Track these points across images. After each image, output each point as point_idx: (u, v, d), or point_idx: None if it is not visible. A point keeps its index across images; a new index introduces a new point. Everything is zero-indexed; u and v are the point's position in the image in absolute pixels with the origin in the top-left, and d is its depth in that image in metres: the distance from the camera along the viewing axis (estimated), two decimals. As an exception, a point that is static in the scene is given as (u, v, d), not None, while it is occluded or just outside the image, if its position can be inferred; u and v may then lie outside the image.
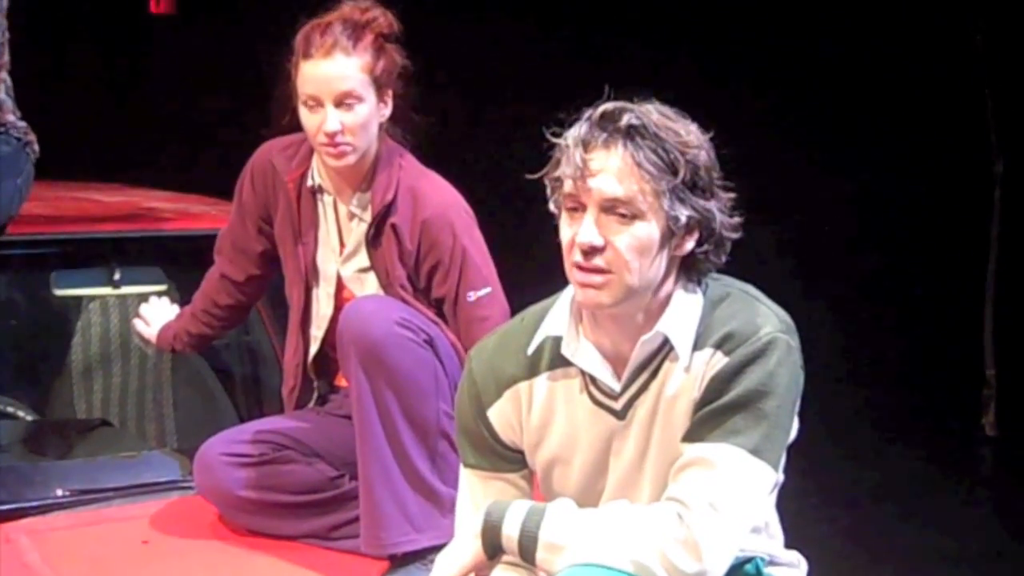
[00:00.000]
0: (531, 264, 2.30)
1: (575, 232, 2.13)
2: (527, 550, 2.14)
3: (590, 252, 2.12)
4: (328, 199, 3.04)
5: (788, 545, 2.42)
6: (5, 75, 3.37)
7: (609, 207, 2.12)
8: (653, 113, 2.14)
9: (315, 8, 2.99)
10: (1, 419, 3.55)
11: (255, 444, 2.99)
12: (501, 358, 2.30)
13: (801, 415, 2.27)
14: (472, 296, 2.94)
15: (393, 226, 2.95)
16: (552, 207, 2.20)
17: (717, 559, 2.10)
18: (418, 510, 2.83)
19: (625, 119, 2.11)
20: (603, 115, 2.13)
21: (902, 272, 6.54)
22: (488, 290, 2.95)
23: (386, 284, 2.98)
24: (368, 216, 2.98)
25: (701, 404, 2.17)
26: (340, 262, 3.04)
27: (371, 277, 3.01)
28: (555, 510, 2.16)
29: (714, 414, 2.15)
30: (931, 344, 6.44)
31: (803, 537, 2.53)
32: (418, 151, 3.07)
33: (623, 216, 2.12)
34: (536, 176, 2.19)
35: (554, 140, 2.16)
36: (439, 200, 2.98)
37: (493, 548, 2.18)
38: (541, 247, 2.41)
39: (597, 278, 2.13)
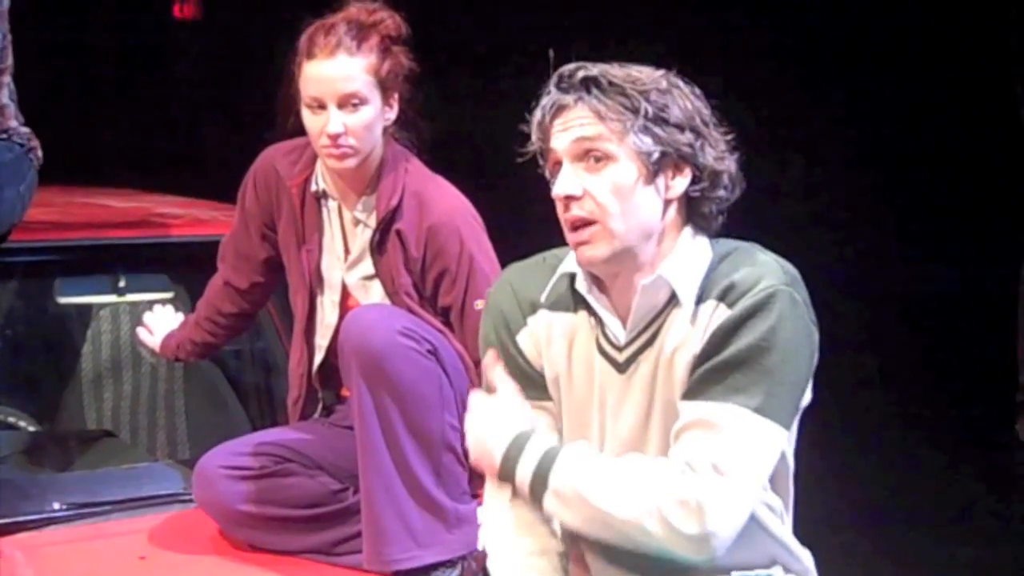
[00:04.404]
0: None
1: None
2: (536, 494, 2.13)
3: (569, 202, 2.13)
4: (333, 204, 2.97)
5: (813, 553, 2.32)
6: (8, 79, 3.32)
7: (579, 155, 2.13)
8: (613, 67, 2.17)
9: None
10: (4, 430, 3.50)
11: (256, 457, 2.91)
12: (525, 286, 2.28)
13: (829, 421, 2.18)
14: (479, 304, 2.85)
15: (398, 232, 2.88)
16: (551, 183, 2.20)
17: (724, 523, 2.05)
18: (422, 525, 2.76)
19: (579, 76, 2.15)
20: (560, 76, 2.16)
21: (934, 277, 6.44)
22: (496, 298, 2.87)
23: (392, 292, 2.90)
24: (373, 222, 2.91)
25: (701, 359, 2.12)
26: (345, 269, 2.97)
27: (376, 285, 2.93)
28: (567, 458, 2.13)
29: (714, 371, 2.10)
30: (963, 350, 6.34)
31: (828, 546, 2.45)
32: (425, 156, 3.00)
33: (596, 161, 2.13)
34: (522, 154, 2.21)
35: (528, 117, 2.20)
36: (446, 206, 2.91)
37: (508, 481, 2.17)
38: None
39: (584, 233, 2.13)
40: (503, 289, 2.31)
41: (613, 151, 2.12)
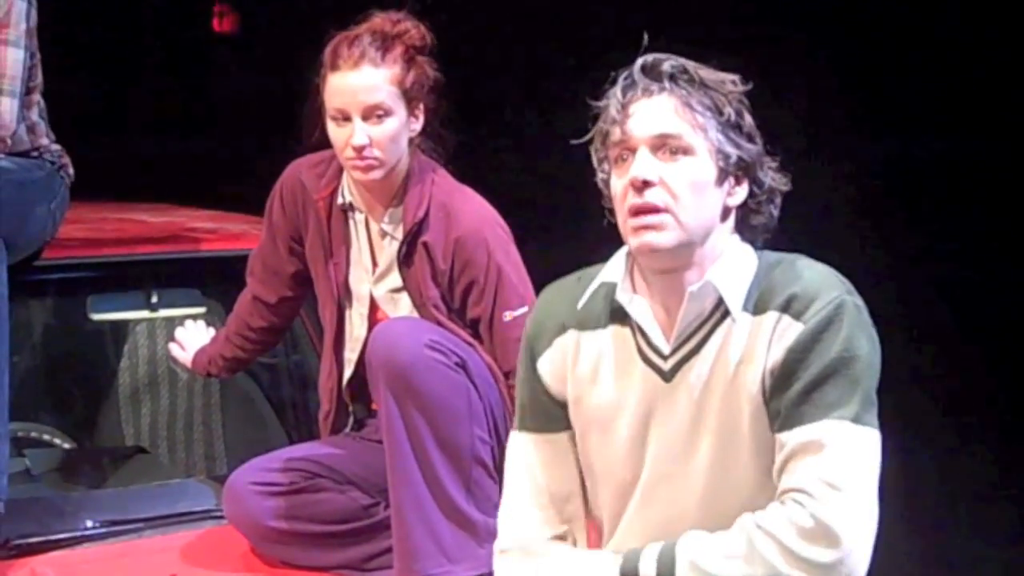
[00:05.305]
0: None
1: (628, 174, 2.12)
2: None
3: (643, 188, 2.11)
4: (359, 217, 2.95)
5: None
6: (38, 97, 3.32)
7: (658, 145, 2.12)
8: (691, 63, 2.17)
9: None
10: (39, 448, 3.49)
11: (286, 472, 2.90)
12: (554, 307, 2.26)
13: (894, 433, 2.17)
14: (508, 316, 2.84)
15: (425, 244, 2.86)
16: (600, 176, 2.20)
17: (855, 541, 2.02)
18: (452, 540, 2.73)
19: (666, 66, 2.15)
20: (643, 66, 2.16)
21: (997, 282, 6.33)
22: (525, 309, 2.83)
23: (419, 304, 2.88)
24: (400, 234, 2.89)
25: (784, 379, 2.08)
26: (373, 282, 2.95)
27: (404, 297, 2.91)
28: (684, 550, 2.08)
29: (805, 392, 2.07)
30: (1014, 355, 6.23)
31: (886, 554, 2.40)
32: (451, 166, 2.98)
33: (673, 153, 2.12)
34: (582, 140, 2.20)
35: (595, 104, 2.18)
36: (473, 217, 2.88)
37: None
38: (580, 263, 2.32)
39: (653, 218, 2.11)
40: (536, 311, 2.30)
41: (695, 145, 2.12)
